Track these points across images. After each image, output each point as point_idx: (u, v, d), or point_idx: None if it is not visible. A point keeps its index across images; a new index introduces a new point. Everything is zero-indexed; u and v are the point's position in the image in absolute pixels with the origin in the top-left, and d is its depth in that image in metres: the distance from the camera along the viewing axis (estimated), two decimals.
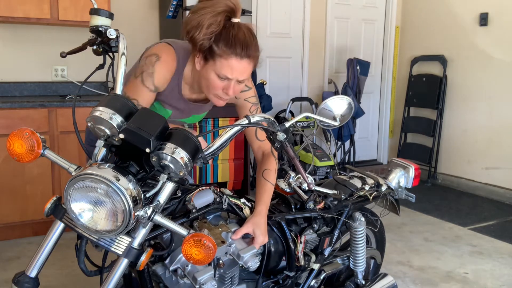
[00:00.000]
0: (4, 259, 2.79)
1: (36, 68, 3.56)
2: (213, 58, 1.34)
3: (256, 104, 1.59)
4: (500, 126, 4.27)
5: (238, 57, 1.32)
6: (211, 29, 1.30)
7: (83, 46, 1.29)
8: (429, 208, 3.99)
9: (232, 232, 1.38)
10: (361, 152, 5.19)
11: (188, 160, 1.02)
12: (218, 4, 1.30)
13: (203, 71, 1.39)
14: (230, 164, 3.65)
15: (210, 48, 1.33)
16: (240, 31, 1.33)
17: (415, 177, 1.91)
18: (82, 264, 1.16)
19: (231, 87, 1.38)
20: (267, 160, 1.58)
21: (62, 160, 1.11)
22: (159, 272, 1.29)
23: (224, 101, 1.45)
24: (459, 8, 4.56)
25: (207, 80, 1.39)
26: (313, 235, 1.64)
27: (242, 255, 1.35)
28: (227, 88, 1.38)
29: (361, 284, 1.84)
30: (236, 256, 1.36)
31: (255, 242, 1.40)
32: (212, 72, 1.36)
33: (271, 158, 1.58)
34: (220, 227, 1.39)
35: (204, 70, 1.39)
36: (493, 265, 2.85)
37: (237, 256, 1.36)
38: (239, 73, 1.35)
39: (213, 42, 1.32)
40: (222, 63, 1.33)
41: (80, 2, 3.28)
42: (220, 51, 1.32)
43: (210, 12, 1.29)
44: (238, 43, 1.31)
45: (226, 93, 1.40)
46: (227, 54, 1.32)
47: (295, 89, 4.76)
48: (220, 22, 1.31)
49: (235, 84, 1.38)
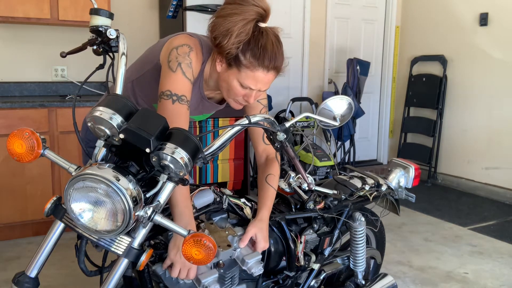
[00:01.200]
0: (4, 259, 2.79)
1: (36, 68, 3.56)
2: (238, 67, 1.29)
3: (266, 107, 1.56)
4: (500, 126, 4.27)
5: (265, 69, 1.28)
6: (239, 38, 1.25)
7: (83, 46, 1.29)
8: (429, 208, 3.99)
9: (238, 236, 1.38)
10: (361, 152, 5.19)
11: (188, 160, 1.02)
12: (248, 11, 1.25)
13: (225, 75, 1.34)
14: (230, 164, 3.65)
15: (236, 57, 1.27)
16: (268, 40, 1.27)
17: (415, 177, 1.91)
18: (82, 264, 1.16)
19: (253, 96, 1.35)
20: (271, 164, 1.54)
21: (62, 160, 1.11)
22: (159, 272, 1.29)
23: (242, 106, 1.42)
24: (459, 8, 4.56)
25: (229, 85, 1.34)
26: (313, 235, 1.64)
27: (247, 261, 1.35)
28: (249, 96, 1.35)
29: (361, 284, 1.84)
30: (241, 261, 1.36)
31: (256, 247, 1.40)
32: (235, 80, 1.32)
33: (275, 163, 1.55)
34: (227, 230, 1.38)
35: (226, 75, 1.33)
36: (493, 265, 2.85)
37: (241, 261, 1.36)
38: (263, 84, 1.32)
39: (240, 52, 1.26)
40: (248, 74, 1.29)
41: (80, 2, 3.28)
42: (247, 62, 1.27)
43: (241, 21, 1.24)
44: (266, 55, 1.27)
45: (246, 100, 1.37)
46: (254, 66, 1.27)
47: (295, 89, 4.76)
48: (249, 30, 1.25)
49: (257, 93, 1.35)
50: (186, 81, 1.32)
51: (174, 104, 1.29)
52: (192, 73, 1.33)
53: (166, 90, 1.30)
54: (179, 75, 1.31)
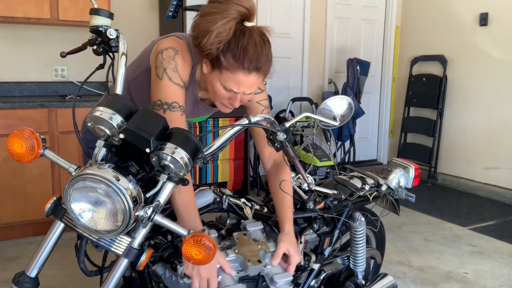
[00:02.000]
0: (4, 259, 2.79)
1: (36, 68, 3.56)
2: (219, 69, 1.23)
3: (268, 108, 1.51)
4: (500, 126, 4.27)
5: (245, 71, 1.22)
6: (219, 38, 1.19)
7: (83, 46, 1.29)
8: (429, 208, 3.99)
9: (270, 253, 1.33)
10: (361, 152, 5.19)
11: (188, 160, 1.02)
12: (229, 9, 1.19)
13: (209, 77, 1.29)
14: (230, 164, 3.65)
15: (217, 58, 1.22)
16: (251, 41, 1.21)
17: (415, 177, 1.91)
18: (82, 264, 1.15)
19: (238, 99, 1.30)
20: (282, 169, 1.48)
21: (62, 160, 1.11)
22: (159, 272, 1.29)
23: (230, 109, 1.36)
24: (459, 8, 4.56)
25: (213, 88, 1.30)
26: (313, 235, 1.64)
27: (276, 281, 1.28)
28: (233, 99, 1.30)
29: (361, 284, 1.84)
30: (270, 280, 1.30)
31: (291, 262, 1.35)
32: (218, 82, 1.27)
33: (286, 168, 1.47)
34: (260, 244, 1.34)
35: (211, 76, 1.28)
36: (493, 265, 2.85)
37: (270, 279, 1.30)
38: (246, 87, 1.26)
39: (221, 52, 1.21)
40: (229, 76, 1.23)
41: (80, 2, 3.28)
42: (227, 64, 1.21)
43: (221, 19, 1.18)
44: (247, 56, 1.20)
45: (232, 104, 1.32)
46: (234, 68, 1.21)
47: (295, 89, 4.76)
48: (230, 29, 1.19)
49: (242, 96, 1.29)
50: (174, 86, 1.28)
51: (165, 113, 1.26)
52: (179, 77, 1.29)
53: (157, 100, 1.28)
54: (166, 82, 1.28)
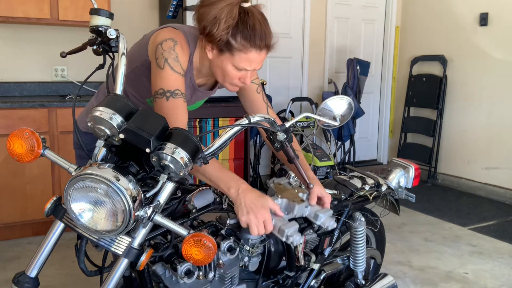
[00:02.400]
0: (4, 259, 2.79)
1: (36, 68, 3.56)
2: (231, 51, 1.31)
3: (260, 85, 1.58)
4: (500, 126, 4.27)
5: (257, 49, 1.31)
6: (228, 23, 1.26)
7: (83, 46, 1.29)
8: (429, 208, 3.99)
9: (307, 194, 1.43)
10: (361, 152, 5.19)
11: (188, 160, 1.02)
12: None
13: (218, 61, 1.36)
14: (230, 164, 3.65)
15: (227, 42, 1.29)
16: (255, 20, 1.29)
17: (415, 177, 1.91)
18: (82, 264, 1.15)
19: (248, 76, 1.39)
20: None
21: (62, 160, 1.11)
22: (159, 272, 1.29)
23: (239, 87, 1.45)
24: (459, 8, 4.56)
25: (223, 71, 1.37)
26: (313, 235, 1.64)
27: (320, 215, 1.38)
28: (244, 77, 1.38)
29: (361, 284, 1.84)
30: (314, 217, 1.39)
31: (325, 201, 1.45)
32: (229, 64, 1.34)
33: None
34: (295, 188, 1.45)
35: (219, 60, 1.35)
36: (493, 265, 2.85)
37: (314, 216, 1.39)
38: (258, 64, 1.35)
39: (231, 36, 1.28)
40: (241, 57, 1.31)
41: (80, 2, 3.28)
42: (239, 45, 1.29)
43: (226, 6, 1.26)
44: (257, 35, 1.28)
45: (243, 82, 1.40)
46: (246, 48, 1.30)
47: (295, 89, 4.76)
48: (235, 13, 1.27)
49: (251, 72, 1.39)
50: (175, 75, 1.32)
51: (168, 100, 1.30)
52: (180, 66, 1.34)
53: (159, 89, 1.31)
54: (168, 71, 1.32)
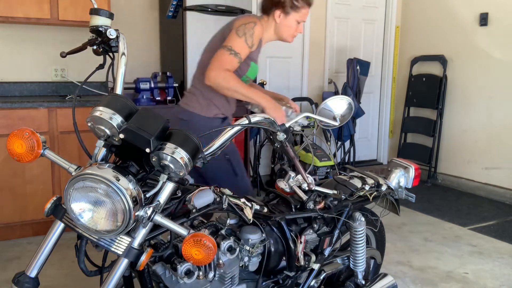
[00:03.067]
0: (4, 259, 2.79)
1: (36, 68, 3.56)
2: (296, 10, 2.00)
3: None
4: (500, 126, 4.27)
5: (309, 6, 2.04)
6: None
7: (83, 46, 1.29)
8: (429, 208, 3.99)
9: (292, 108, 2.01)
10: (361, 152, 5.19)
11: (188, 160, 1.03)
12: None
13: (285, 21, 2.01)
14: None
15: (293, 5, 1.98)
16: None
17: (415, 177, 1.91)
18: (82, 264, 1.16)
19: (302, 26, 2.07)
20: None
21: (62, 160, 1.11)
22: (159, 272, 1.29)
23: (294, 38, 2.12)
24: (459, 8, 4.56)
25: (289, 27, 2.03)
26: (313, 235, 1.64)
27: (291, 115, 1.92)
28: (300, 28, 2.07)
29: (361, 284, 1.84)
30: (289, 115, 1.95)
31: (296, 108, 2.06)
32: (294, 20, 2.01)
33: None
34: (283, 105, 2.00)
35: (286, 20, 2.01)
36: (493, 265, 2.85)
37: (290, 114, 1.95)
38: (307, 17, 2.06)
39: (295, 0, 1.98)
40: (303, 12, 2.02)
41: (80, 2, 3.28)
42: (301, 5, 1.99)
43: None
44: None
45: (299, 31, 2.07)
46: (304, 6, 2.01)
47: (295, 89, 4.76)
48: None
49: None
50: (245, 46, 1.87)
51: (230, 55, 1.81)
52: (252, 42, 1.90)
53: (229, 45, 1.83)
54: (242, 40, 1.86)
